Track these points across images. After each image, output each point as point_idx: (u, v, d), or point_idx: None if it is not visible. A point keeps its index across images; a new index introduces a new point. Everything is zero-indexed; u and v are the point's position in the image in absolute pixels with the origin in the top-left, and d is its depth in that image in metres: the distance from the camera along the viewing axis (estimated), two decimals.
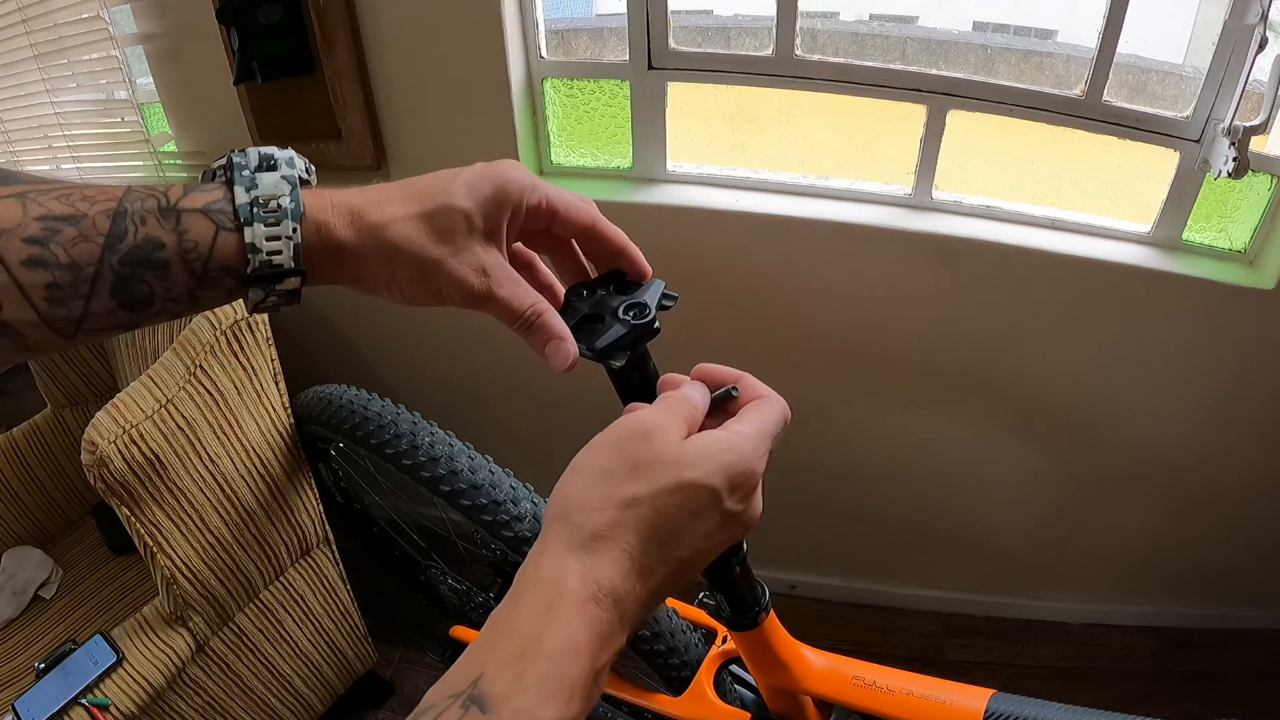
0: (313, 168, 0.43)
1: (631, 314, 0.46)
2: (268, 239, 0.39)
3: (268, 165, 0.40)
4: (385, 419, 1.12)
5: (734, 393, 0.45)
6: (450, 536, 1.29)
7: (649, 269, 0.49)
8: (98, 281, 0.37)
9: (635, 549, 0.38)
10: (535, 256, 0.51)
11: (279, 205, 0.39)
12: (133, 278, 0.38)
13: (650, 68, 1.33)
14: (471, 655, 0.35)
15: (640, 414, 0.41)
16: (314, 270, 0.41)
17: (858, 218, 1.34)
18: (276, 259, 0.39)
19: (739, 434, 0.42)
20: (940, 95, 1.25)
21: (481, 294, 0.43)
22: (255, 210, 0.39)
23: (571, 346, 0.44)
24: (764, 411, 0.44)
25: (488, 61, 1.32)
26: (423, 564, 1.47)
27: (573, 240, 0.49)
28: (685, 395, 0.44)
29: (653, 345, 0.49)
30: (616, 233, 0.49)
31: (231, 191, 0.39)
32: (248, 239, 0.39)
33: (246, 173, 0.40)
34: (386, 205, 0.42)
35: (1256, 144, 1.12)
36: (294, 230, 0.39)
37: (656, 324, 0.46)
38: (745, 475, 0.41)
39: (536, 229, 0.47)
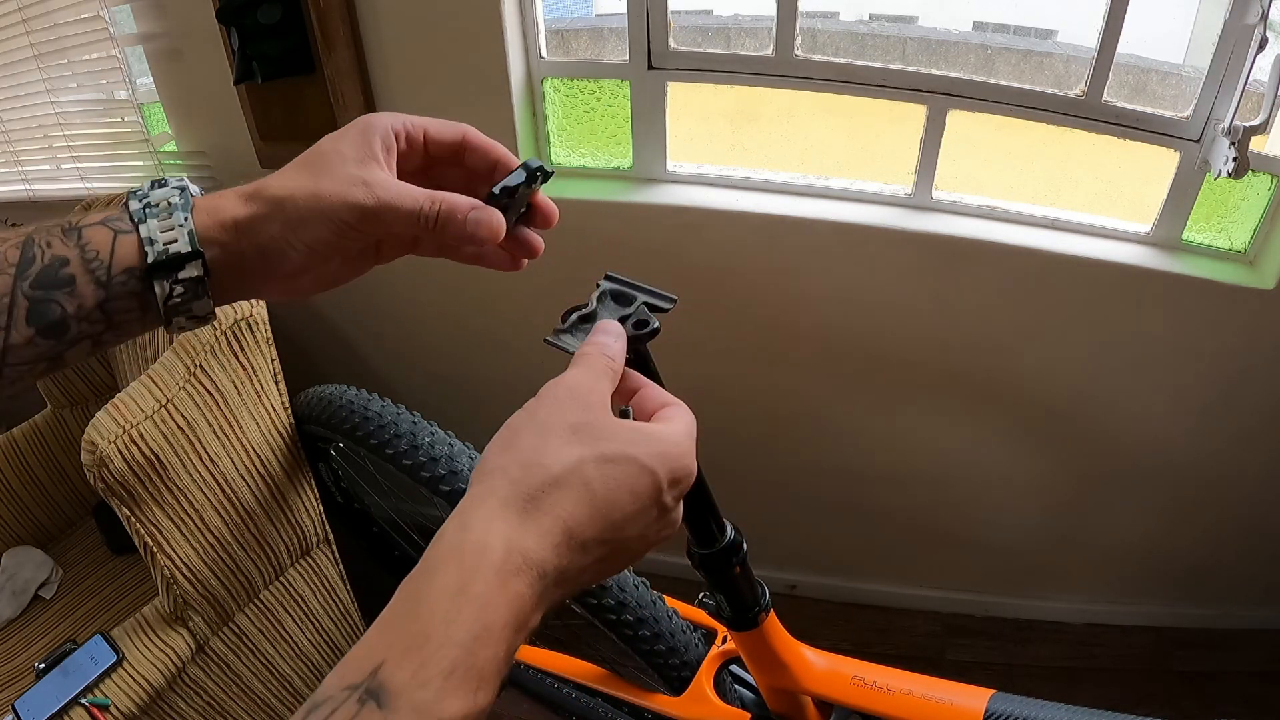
0: (199, 190, 0.44)
1: (632, 320, 0.47)
2: (162, 230, 0.40)
3: (158, 185, 0.42)
4: (385, 419, 1.12)
5: (623, 409, 0.44)
6: None
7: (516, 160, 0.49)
8: (13, 311, 0.39)
9: (571, 518, 0.35)
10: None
11: (170, 203, 0.41)
12: (44, 300, 0.39)
13: (650, 68, 1.33)
14: (374, 637, 0.32)
15: (570, 376, 0.41)
16: (216, 256, 0.41)
17: (858, 218, 1.34)
18: (173, 247, 0.40)
19: (675, 431, 0.40)
20: (940, 95, 1.25)
21: (372, 205, 0.42)
22: (147, 210, 0.41)
23: (494, 214, 0.43)
24: (687, 419, 0.42)
25: (488, 61, 1.32)
26: None
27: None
28: (607, 354, 0.43)
29: (652, 345, 0.49)
30: (491, 143, 0.48)
31: (127, 206, 0.41)
32: (143, 234, 0.40)
33: (139, 191, 0.42)
34: (273, 175, 0.43)
35: (1256, 144, 1.12)
36: (185, 219, 0.41)
37: (656, 325, 0.47)
38: (684, 471, 0.39)
39: (439, 164, 0.48)
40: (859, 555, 1.73)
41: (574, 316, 0.48)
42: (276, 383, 1.22)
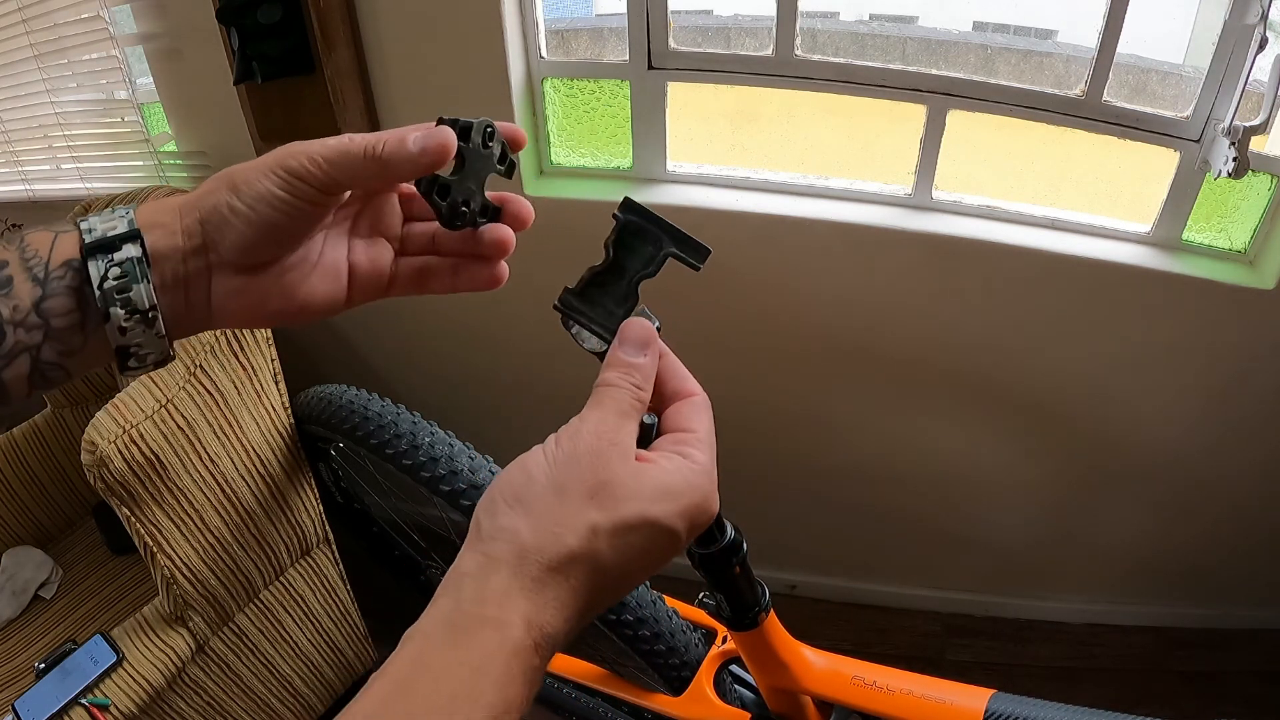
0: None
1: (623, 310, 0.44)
2: (102, 222, 0.39)
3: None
4: (385, 419, 1.12)
5: (649, 421, 0.40)
6: (450, 536, 1.29)
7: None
8: None
9: (582, 588, 0.34)
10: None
11: (113, 209, 0.40)
12: None
13: (650, 68, 1.33)
14: (392, 704, 0.31)
15: (592, 425, 0.37)
16: (159, 241, 0.39)
17: (858, 218, 1.34)
18: (112, 232, 0.38)
19: (700, 468, 0.38)
20: (940, 95, 1.25)
21: (318, 149, 0.39)
22: (91, 214, 0.40)
23: (441, 129, 0.40)
24: (709, 427, 0.40)
25: (488, 61, 1.32)
26: (423, 564, 1.48)
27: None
28: (634, 383, 0.40)
29: None
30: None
31: (74, 218, 0.40)
32: (84, 227, 0.39)
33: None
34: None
35: (1256, 144, 1.12)
36: (128, 211, 0.39)
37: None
38: (706, 515, 0.38)
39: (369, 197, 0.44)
40: (859, 555, 1.73)
41: (586, 276, 0.43)
42: (276, 383, 1.22)
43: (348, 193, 0.43)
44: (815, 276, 1.40)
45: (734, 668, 0.92)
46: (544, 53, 1.37)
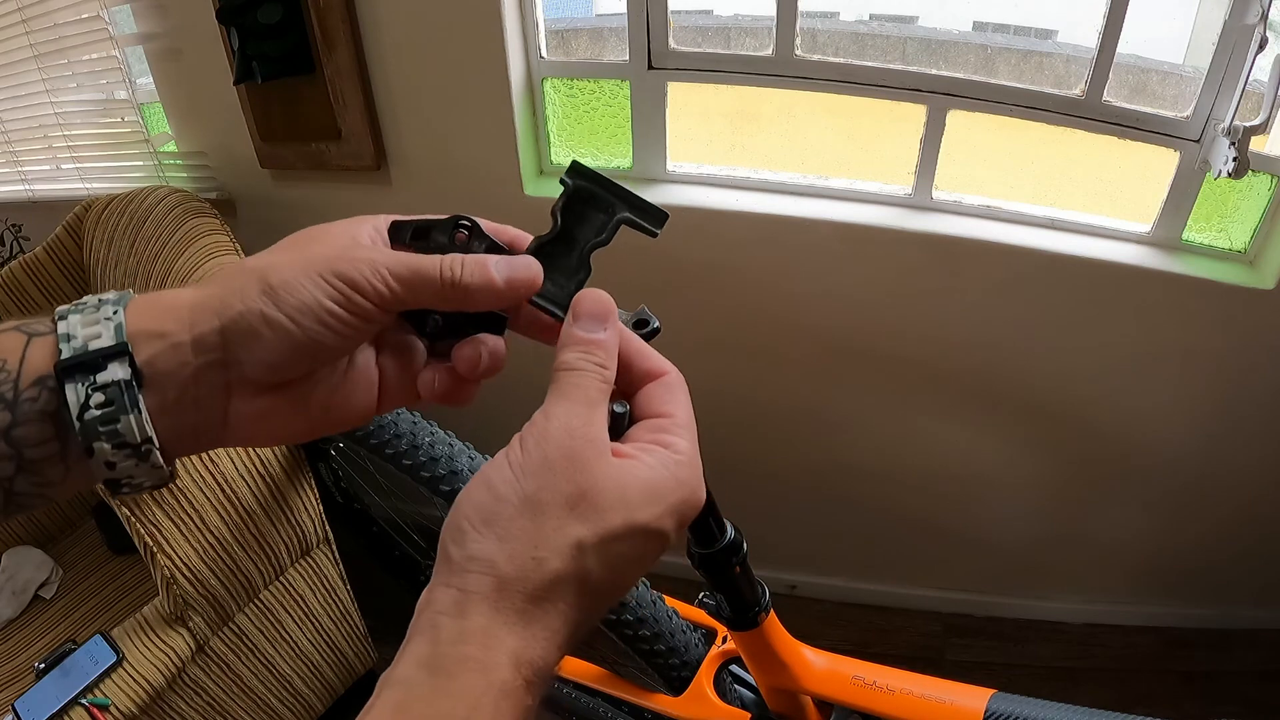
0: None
1: (631, 319, 0.42)
2: (84, 326, 0.31)
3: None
4: (385, 419, 1.12)
5: (619, 410, 0.36)
6: None
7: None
8: None
9: (572, 610, 0.31)
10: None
11: (101, 300, 0.32)
12: None
13: (650, 68, 1.33)
14: None
15: (561, 422, 0.32)
16: (156, 355, 0.32)
17: (858, 218, 1.34)
18: (94, 343, 0.31)
19: (684, 458, 0.34)
20: (940, 95, 1.25)
21: (382, 259, 0.33)
22: (75, 308, 0.32)
23: (528, 262, 0.35)
24: (688, 407, 0.36)
25: (488, 61, 1.32)
26: (423, 564, 1.47)
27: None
28: (600, 375, 0.34)
29: (650, 344, 0.49)
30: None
31: (55, 310, 0.33)
32: (61, 331, 0.31)
33: (81, 300, 0.34)
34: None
35: (1256, 144, 1.12)
36: (115, 311, 0.32)
37: (657, 324, 0.45)
38: (695, 507, 0.34)
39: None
40: (859, 555, 1.73)
41: (534, 244, 0.38)
42: None
43: None
44: (815, 276, 1.40)
45: (734, 668, 0.92)
46: (544, 53, 1.37)
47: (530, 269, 0.36)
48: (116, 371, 0.31)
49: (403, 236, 0.37)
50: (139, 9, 1.47)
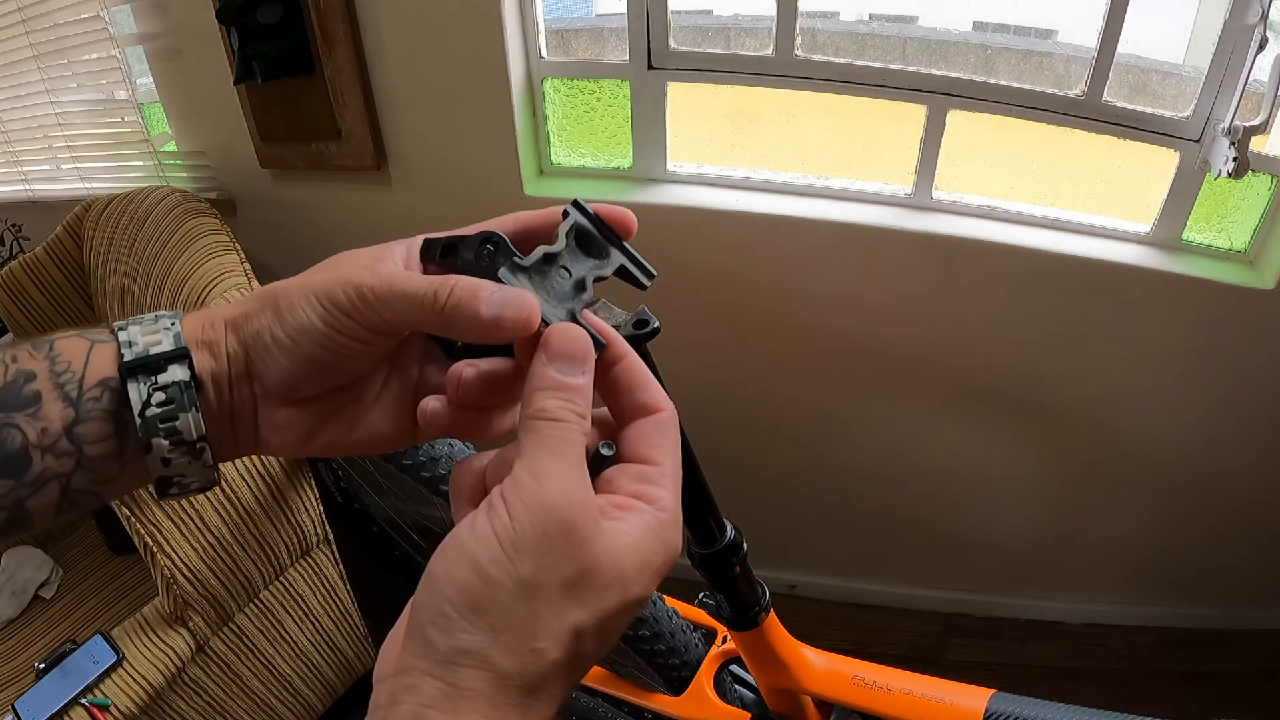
0: None
1: (631, 320, 0.41)
2: (145, 334, 0.34)
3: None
4: None
5: (606, 453, 0.33)
6: None
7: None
8: None
9: (564, 689, 0.30)
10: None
11: (158, 315, 0.35)
12: (4, 425, 0.32)
13: (650, 68, 1.33)
14: None
15: (558, 486, 0.29)
16: (204, 362, 0.34)
17: (858, 218, 1.34)
18: (155, 349, 0.33)
19: (667, 517, 0.32)
20: (940, 95, 1.25)
21: (369, 280, 0.33)
22: (132, 321, 0.34)
23: (521, 292, 0.32)
24: (675, 451, 0.34)
25: (488, 61, 1.32)
26: (423, 564, 1.47)
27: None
28: (582, 427, 0.31)
29: (650, 344, 0.49)
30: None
31: (111, 324, 0.35)
32: (122, 339, 0.33)
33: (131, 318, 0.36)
34: None
35: (1256, 144, 1.12)
36: (173, 323, 0.34)
37: (656, 324, 0.45)
38: (671, 564, 0.32)
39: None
40: (859, 555, 1.73)
41: (539, 253, 0.36)
42: None
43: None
44: (815, 276, 1.40)
45: (734, 668, 0.92)
46: (544, 53, 1.37)
47: (525, 308, 0.32)
48: (176, 373, 0.33)
49: (433, 254, 0.37)
50: (139, 9, 1.47)
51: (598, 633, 0.29)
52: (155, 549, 1.08)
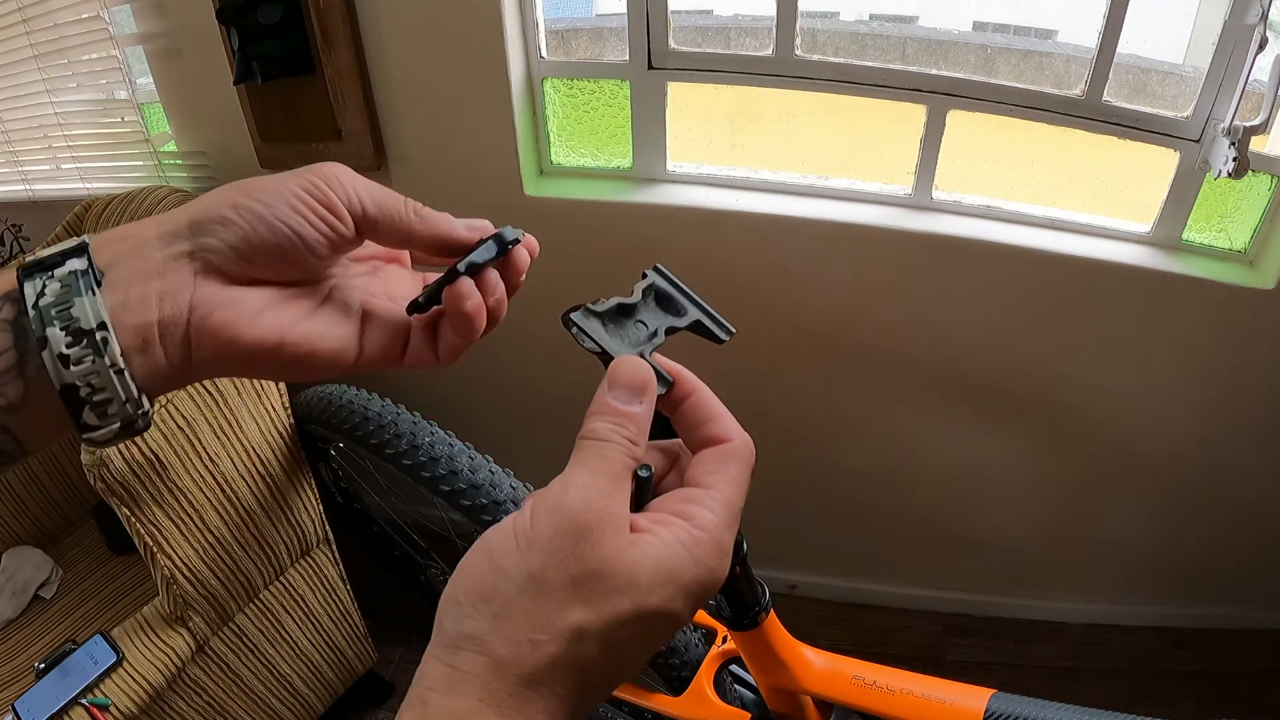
0: None
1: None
2: (49, 247, 0.33)
3: None
4: (385, 419, 1.12)
5: (644, 475, 0.34)
6: (450, 536, 1.29)
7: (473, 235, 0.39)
8: None
9: (570, 694, 0.29)
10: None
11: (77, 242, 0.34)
12: None
13: (650, 68, 1.33)
14: None
15: (580, 493, 0.30)
16: (110, 259, 0.32)
17: (858, 218, 1.34)
18: (54, 250, 0.32)
19: (706, 536, 0.32)
20: (940, 95, 1.25)
21: (343, 174, 0.36)
22: (42, 247, 0.35)
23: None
24: (736, 479, 0.35)
25: (488, 61, 1.32)
26: (423, 564, 1.48)
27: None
28: (629, 451, 0.33)
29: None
30: (440, 221, 0.38)
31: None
32: (29, 258, 0.33)
33: None
34: None
35: (1256, 144, 1.12)
36: (84, 238, 0.33)
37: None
38: (711, 588, 0.32)
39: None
40: (859, 555, 1.73)
41: (614, 302, 0.39)
42: (276, 382, 1.22)
43: (363, 244, 0.38)
44: (815, 277, 1.40)
45: (734, 668, 0.92)
46: (544, 53, 1.37)
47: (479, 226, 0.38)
48: (74, 264, 0.31)
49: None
50: (139, 9, 1.47)
51: (603, 637, 0.29)
52: (155, 549, 1.08)
